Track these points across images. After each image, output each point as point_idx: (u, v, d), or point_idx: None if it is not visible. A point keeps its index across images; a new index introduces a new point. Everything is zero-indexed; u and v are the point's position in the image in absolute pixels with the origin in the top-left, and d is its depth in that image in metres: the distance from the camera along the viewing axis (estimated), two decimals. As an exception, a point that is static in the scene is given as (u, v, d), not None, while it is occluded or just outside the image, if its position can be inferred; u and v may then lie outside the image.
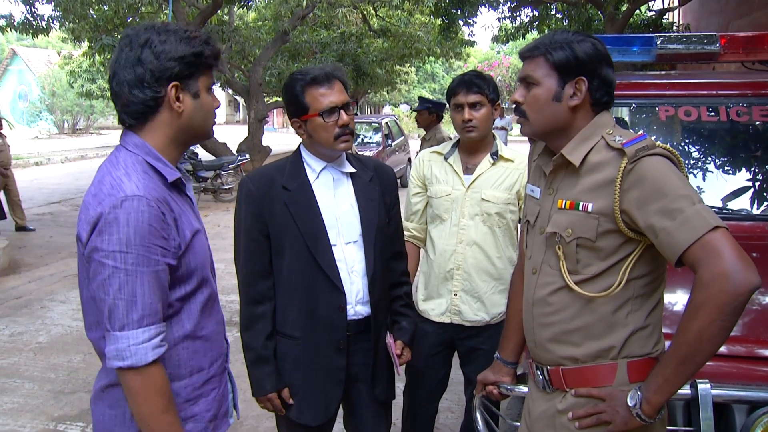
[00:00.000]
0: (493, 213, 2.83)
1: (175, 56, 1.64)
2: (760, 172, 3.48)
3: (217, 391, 1.85)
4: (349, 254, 2.38)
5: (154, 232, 1.57)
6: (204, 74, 1.73)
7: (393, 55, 21.66)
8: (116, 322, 1.56)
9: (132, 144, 1.69)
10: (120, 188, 1.57)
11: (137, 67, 1.64)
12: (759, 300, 2.46)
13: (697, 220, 1.53)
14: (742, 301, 1.48)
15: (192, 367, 1.76)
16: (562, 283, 1.80)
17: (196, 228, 1.74)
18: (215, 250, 2.55)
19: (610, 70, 1.78)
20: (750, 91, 3.43)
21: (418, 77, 45.20)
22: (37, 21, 13.67)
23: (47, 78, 34.40)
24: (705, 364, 1.56)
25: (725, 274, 1.47)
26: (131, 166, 1.64)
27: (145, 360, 1.57)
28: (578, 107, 1.77)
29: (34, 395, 4.57)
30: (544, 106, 1.78)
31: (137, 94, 1.65)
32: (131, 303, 1.55)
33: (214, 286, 1.84)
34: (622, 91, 3.52)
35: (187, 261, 1.69)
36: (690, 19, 13.25)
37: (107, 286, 1.55)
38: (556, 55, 1.75)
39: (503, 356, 2.19)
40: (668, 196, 1.58)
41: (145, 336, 1.57)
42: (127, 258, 1.54)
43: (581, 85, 1.75)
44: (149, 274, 1.57)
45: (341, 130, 2.30)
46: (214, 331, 1.83)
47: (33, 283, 7.47)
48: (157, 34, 1.65)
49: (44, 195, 14.37)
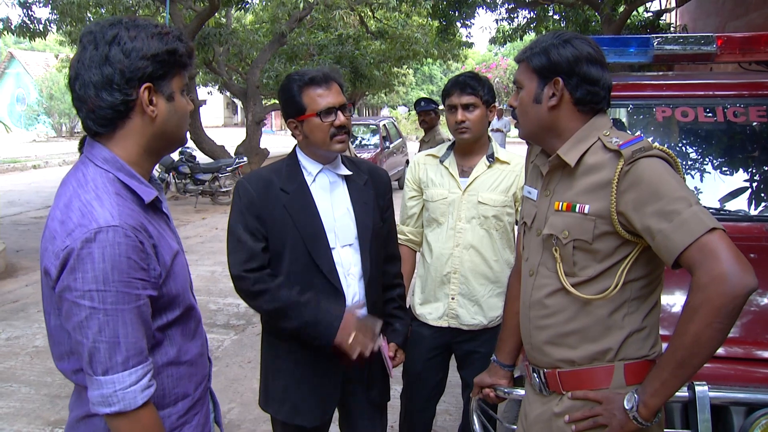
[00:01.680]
0: (489, 216, 2.82)
1: (148, 54, 1.47)
2: (757, 173, 3.48)
3: (200, 415, 1.71)
4: (346, 257, 2.37)
5: (133, 264, 1.41)
6: (178, 75, 1.56)
7: (390, 57, 21.71)
8: (98, 366, 1.41)
9: (101, 158, 1.51)
10: (92, 217, 1.40)
11: (105, 67, 1.46)
12: (756, 301, 2.46)
13: (693, 222, 1.53)
14: (740, 304, 1.47)
15: (177, 394, 1.62)
16: (558, 286, 1.79)
17: (176, 250, 1.60)
18: (213, 253, 2.54)
19: (594, 68, 1.76)
20: (746, 91, 3.43)
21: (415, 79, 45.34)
22: (35, 24, 13.66)
23: (45, 81, 34.37)
24: (702, 366, 1.55)
25: (722, 277, 1.47)
26: (102, 187, 1.46)
27: (135, 404, 1.43)
28: (557, 107, 1.78)
29: (30, 399, 4.55)
30: (527, 109, 1.83)
31: (105, 98, 1.47)
32: (114, 345, 1.40)
33: (195, 306, 1.71)
34: (620, 92, 3.52)
35: (169, 288, 1.55)
36: (687, 20, 13.27)
37: (85, 328, 1.39)
38: (535, 60, 1.80)
39: (500, 359, 2.18)
40: (665, 198, 1.58)
41: (133, 378, 1.43)
42: (105, 297, 1.38)
43: (557, 85, 1.77)
44: (130, 311, 1.42)
45: (337, 130, 2.30)
46: (198, 354, 1.70)
47: (30, 287, 7.45)
48: (125, 30, 1.48)
49: (42, 198, 14.34)
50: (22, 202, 13.75)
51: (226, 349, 5.48)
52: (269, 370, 2.48)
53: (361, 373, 2.44)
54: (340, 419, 2.61)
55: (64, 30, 15.26)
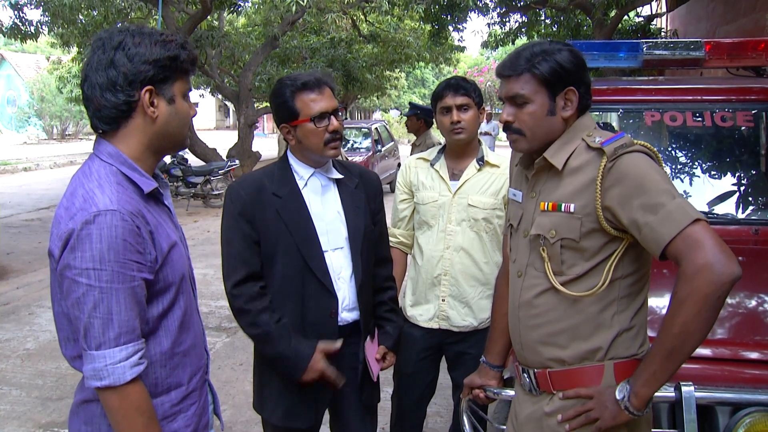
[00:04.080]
0: (479, 218, 2.84)
1: (150, 59, 1.59)
2: (745, 177, 3.52)
3: (197, 406, 1.78)
4: (336, 260, 2.39)
5: (128, 247, 1.52)
6: (180, 79, 1.68)
7: (383, 61, 21.74)
8: (92, 341, 1.51)
9: (105, 153, 1.63)
10: (92, 202, 1.52)
11: (110, 70, 1.58)
12: (742, 303, 2.49)
13: (678, 214, 1.57)
14: (725, 291, 1.52)
15: (170, 383, 1.70)
16: (547, 285, 1.82)
17: (174, 240, 1.69)
18: (205, 256, 2.55)
19: (588, 74, 1.82)
20: (734, 96, 3.47)
21: (408, 82, 45.35)
22: (26, 26, 13.64)
23: (36, 83, 34.16)
24: (691, 354, 1.59)
25: (708, 266, 1.51)
26: (105, 177, 1.59)
27: (123, 379, 1.52)
28: (572, 116, 1.81)
29: (21, 402, 4.54)
30: (540, 123, 1.80)
31: (109, 98, 1.60)
32: (107, 321, 1.51)
33: (192, 297, 1.80)
34: (610, 97, 3.56)
35: (165, 275, 1.64)
36: (678, 24, 13.34)
37: (82, 304, 1.51)
38: (543, 69, 1.76)
39: (489, 360, 2.20)
40: (650, 191, 1.62)
41: (123, 354, 1.52)
42: (101, 275, 1.49)
43: (572, 95, 1.78)
44: (125, 290, 1.52)
45: (331, 135, 2.31)
46: (193, 345, 1.77)
47: (21, 290, 7.43)
48: (131, 37, 1.61)
49: (33, 201, 14.30)
50: (13, 204, 13.69)
51: (218, 352, 5.48)
52: (263, 373, 2.49)
53: (352, 376, 2.45)
54: (331, 420, 2.62)
55: (56, 32, 15.23)
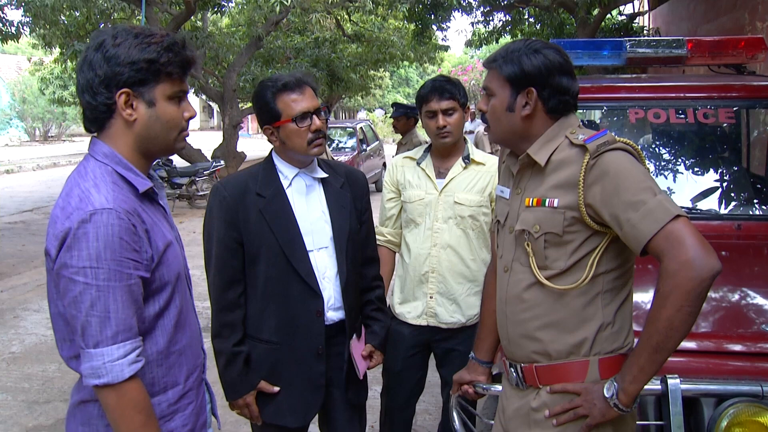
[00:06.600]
0: (466, 216, 2.86)
1: (125, 62, 1.56)
2: (727, 173, 3.56)
3: (194, 405, 1.79)
4: (321, 260, 2.40)
5: (125, 245, 1.52)
6: (163, 82, 1.62)
7: (367, 60, 21.69)
8: (90, 339, 1.52)
9: (101, 153, 1.63)
10: (88, 201, 1.52)
11: (88, 72, 1.58)
12: (726, 297, 2.53)
13: (659, 211, 1.60)
14: (707, 286, 1.55)
15: (167, 383, 1.71)
16: (533, 280, 1.84)
17: (169, 239, 1.69)
18: (190, 257, 2.54)
19: (565, 78, 1.82)
20: (716, 93, 3.51)
21: (392, 82, 45.34)
22: (6, 27, 13.46)
23: (17, 84, 33.79)
24: (676, 349, 1.61)
25: (689, 262, 1.54)
26: (100, 177, 1.59)
27: (121, 377, 1.53)
28: (531, 116, 1.83)
29: (7, 406, 4.51)
30: (500, 116, 1.86)
31: (88, 100, 1.60)
32: (104, 319, 1.51)
33: (188, 297, 1.80)
34: (594, 95, 3.59)
35: (161, 273, 1.64)
36: (660, 23, 13.43)
37: (79, 302, 1.50)
38: (506, 69, 1.83)
39: (478, 356, 2.22)
40: (631, 188, 1.64)
41: (120, 352, 1.53)
42: (98, 273, 1.49)
43: (531, 95, 1.81)
44: (122, 288, 1.52)
45: (314, 135, 2.32)
46: (189, 344, 1.78)
47: (5, 293, 7.36)
48: (112, 38, 1.58)
49: (16, 203, 14.18)
50: (-4, 207, 13.57)
51: (206, 352, 5.44)
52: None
53: (339, 375, 2.47)
54: (320, 419, 2.63)
55: (37, 33, 15.06)
